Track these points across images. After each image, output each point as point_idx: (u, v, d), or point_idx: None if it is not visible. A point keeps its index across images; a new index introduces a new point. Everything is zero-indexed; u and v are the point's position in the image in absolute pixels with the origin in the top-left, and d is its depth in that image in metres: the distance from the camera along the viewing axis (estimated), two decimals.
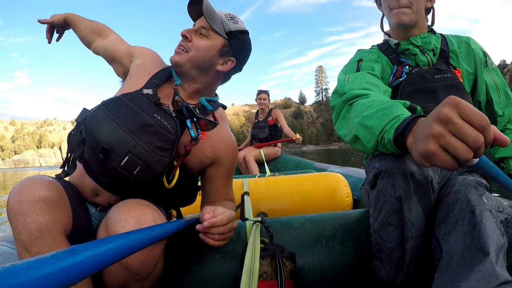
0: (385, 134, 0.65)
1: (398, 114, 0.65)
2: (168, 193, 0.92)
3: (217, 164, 1.02)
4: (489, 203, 0.70)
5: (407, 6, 1.00)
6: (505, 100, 1.08)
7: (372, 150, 0.72)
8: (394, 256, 0.78)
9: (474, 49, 1.09)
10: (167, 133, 0.82)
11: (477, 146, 0.45)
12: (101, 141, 0.77)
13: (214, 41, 0.96)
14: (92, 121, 0.80)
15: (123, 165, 0.77)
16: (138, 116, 0.81)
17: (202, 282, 0.89)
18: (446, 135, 0.46)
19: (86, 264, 0.34)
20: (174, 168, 0.90)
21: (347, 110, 0.86)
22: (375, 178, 0.78)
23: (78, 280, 0.32)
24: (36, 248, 0.65)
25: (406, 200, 0.73)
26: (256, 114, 3.93)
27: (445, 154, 0.46)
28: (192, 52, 0.94)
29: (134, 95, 0.85)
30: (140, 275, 0.73)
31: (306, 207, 1.52)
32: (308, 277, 0.91)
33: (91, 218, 0.92)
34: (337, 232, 0.98)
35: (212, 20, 0.94)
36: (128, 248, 0.46)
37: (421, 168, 0.72)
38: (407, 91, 0.99)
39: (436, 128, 0.47)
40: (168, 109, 0.85)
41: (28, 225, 0.64)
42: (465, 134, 0.45)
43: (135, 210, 0.74)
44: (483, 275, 0.60)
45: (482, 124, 0.45)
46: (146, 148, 0.79)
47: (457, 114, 0.46)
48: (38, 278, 0.27)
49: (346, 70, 1.06)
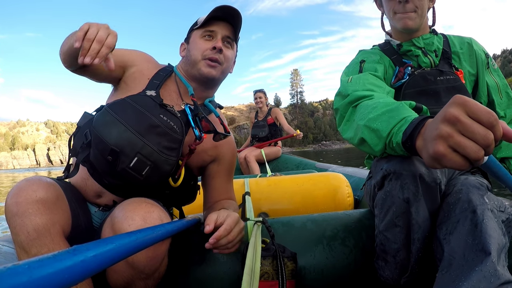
0: (392, 137, 0.65)
1: (405, 116, 0.65)
2: (172, 192, 0.94)
3: (218, 161, 1.04)
4: (490, 203, 0.69)
5: (413, 11, 0.98)
6: (506, 101, 1.07)
7: (380, 152, 0.71)
8: (399, 258, 0.78)
9: (476, 50, 1.08)
10: (174, 133, 0.84)
11: (487, 144, 0.44)
12: (110, 144, 0.77)
13: (234, 48, 1.03)
14: (98, 123, 0.81)
15: (132, 166, 0.78)
16: (144, 117, 0.82)
17: (203, 282, 0.90)
18: (454, 135, 0.45)
19: (88, 263, 0.34)
20: (179, 167, 0.91)
21: (351, 113, 0.86)
22: (383, 179, 0.77)
23: (80, 279, 0.32)
24: (35, 250, 0.65)
25: (414, 202, 0.72)
26: (256, 114, 3.96)
27: (455, 154, 0.45)
28: (225, 64, 0.98)
29: (139, 97, 0.86)
30: (146, 273, 0.74)
31: (307, 207, 1.52)
32: (309, 277, 0.91)
33: (93, 218, 0.93)
34: (338, 232, 0.98)
35: (238, 32, 1.00)
36: (132, 247, 0.46)
37: (430, 170, 0.71)
38: (409, 93, 0.98)
39: (444, 129, 0.46)
40: (173, 110, 0.87)
41: (26, 226, 0.64)
42: (474, 133, 0.44)
43: (141, 208, 0.74)
44: (484, 275, 0.60)
45: (490, 121, 0.44)
46: (154, 148, 0.80)
47: (464, 113, 0.45)
48: (40, 278, 0.27)
49: (348, 72, 1.05)
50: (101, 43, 0.71)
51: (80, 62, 0.71)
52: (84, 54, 0.70)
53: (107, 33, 0.74)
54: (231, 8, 0.95)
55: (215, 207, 1.02)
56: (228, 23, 0.98)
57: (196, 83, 0.99)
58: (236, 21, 0.98)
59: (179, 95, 0.99)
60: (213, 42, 0.96)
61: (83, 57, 0.70)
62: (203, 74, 0.95)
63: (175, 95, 0.98)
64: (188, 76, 0.99)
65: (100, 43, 0.71)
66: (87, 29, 0.72)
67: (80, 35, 0.71)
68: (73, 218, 0.80)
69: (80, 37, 0.70)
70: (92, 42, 0.71)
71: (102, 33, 0.72)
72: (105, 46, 0.72)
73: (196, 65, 0.96)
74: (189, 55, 0.99)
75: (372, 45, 1.19)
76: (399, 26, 1.02)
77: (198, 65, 0.96)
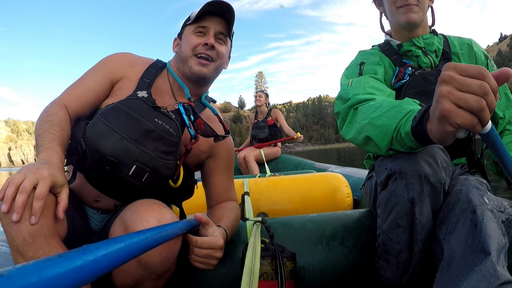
0: (401, 128, 0.65)
1: (412, 108, 0.65)
2: (172, 191, 0.94)
3: (214, 156, 1.03)
4: (490, 203, 0.69)
5: (415, 4, 0.98)
6: (505, 102, 1.07)
7: (386, 149, 0.71)
8: (402, 258, 0.78)
9: (476, 51, 1.08)
10: (170, 136, 0.82)
11: (484, 92, 0.46)
12: (106, 154, 0.76)
13: (227, 44, 1.00)
14: (92, 133, 0.79)
15: (131, 174, 0.78)
16: (139, 124, 0.80)
17: (203, 282, 0.89)
18: (453, 91, 0.48)
19: (99, 263, 0.34)
20: (177, 168, 0.90)
21: (353, 114, 0.86)
22: (387, 179, 0.77)
23: (90, 279, 0.32)
24: (31, 253, 0.64)
25: (419, 202, 0.72)
26: (255, 115, 3.94)
27: (460, 110, 0.48)
28: (218, 60, 0.96)
29: (131, 101, 0.83)
30: (158, 273, 0.73)
31: (307, 207, 1.52)
32: (309, 277, 0.91)
33: (91, 221, 0.91)
34: (338, 232, 0.98)
35: (232, 27, 0.98)
36: (143, 245, 0.46)
37: (434, 171, 0.71)
38: (410, 93, 0.98)
39: (443, 88, 0.49)
40: (167, 112, 0.85)
41: (22, 232, 0.63)
42: (470, 85, 0.47)
43: (154, 210, 0.74)
44: (484, 275, 0.60)
45: (481, 72, 0.47)
46: (152, 154, 0.79)
47: (456, 73, 0.48)
48: (50, 278, 0.27)
49: (348, 74, 1.04)
50: (27, 194, 0.61)
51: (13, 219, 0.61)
52: (8, 208, 0.61)
53: (36, 180, 0.63)
54: (224, 3, 0.92)
55: (217, 210, 0.99)
56: (221, 18, 0.95)
57: (188, 81, 0.97)
58: (229, 16, 0.95)
59: (172, 94, 0.96)
60: (205, 38, 0.93)
61: (15, 214, 0.61)
62: (194, 72, 0.93)
63: (167, 93, 0.96)
64: (180, 73, 0.97)
65: (26, 194, 0.61)
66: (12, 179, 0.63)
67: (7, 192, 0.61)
68: (68, 221, 0.79)
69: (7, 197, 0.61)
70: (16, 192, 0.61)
71: (28, 181, 0.62)
72: (36, 200, 0.62)
73: (187, 62, 0.93)
74: (180, 51, 0.96)
75: (371, 45, 1.18)
76: (402, 20, 1.00)
77: (189, 62, 0.93)
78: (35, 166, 0.65)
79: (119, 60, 0.96)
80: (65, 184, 0.69)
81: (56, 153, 0.74)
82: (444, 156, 0.74)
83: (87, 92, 0.90)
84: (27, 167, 0.65)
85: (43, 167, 0.66)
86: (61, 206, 0.67)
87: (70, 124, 0.85)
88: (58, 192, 0.68)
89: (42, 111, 0.85)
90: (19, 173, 0.64)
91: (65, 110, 0.86)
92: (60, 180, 0.67)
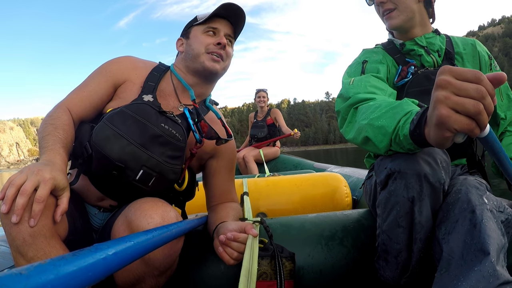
0: (399, 130, 0.65)
1: (410, 109, 0.65)
2: (175, 193, 0.95)
3: (217, 157, 1.04)
4: (489, 203, 0.69)
5: (392, 8, 1.00)
6: (507, 103, 1.07)
7: (385, 150, 0.71)
8: (401, 258, 0.78)
9: (480, 51, 1.08)
10: (176, 141, 0.83)
11: (481, 96, 0.46)
12: (113, 159, 0.76)
13: (232, 47, 1.03)
14: (99, 138, 0.79)
15: (138, 178, 0.78)
16: (146, 129, 0.80)
17: (201, 282, 0.89)
18: (450, 96, 0.47)
19: (110, 261, 0.35)
20: (182, 171, 0.91)
21: (353, 114, 0.86)
22: (387, 178, 0.77)
23: (102, 277, 0.33)
24: (31, 254, 0.64)
25: (418, 202, 0.72)
26: (255, 114, 3.95)
27: (458, 115, 0.47)
28: (227, 61, 0.98)
29: (137, 105, 0.84)
30: (160, 270, 0.74)
31: (306, 207, 1.52)
32: (308, 277, 0.91)
33: (92, 219, 0.91)
34: (337, 232, 0.97)
35: (240, 32, 1.03)
36: (150, 244, 0.47)
37: (434, 170, 0.71)
38: (412, 92, 0.98)
39: (440, 94, 0.48)
40: (173, 116, 0.85)
41: (22, 232, 0.63)
42: (467, 89, 0.47)
43: (159, 207, 0.75)
44: (483, 275, 0.60)
45: (477, 76, 0.47)
46: (159, 159, 0.80)
47: (452, 77, 0.48)
48: (66, 275, 0.27)
49: (350, 72, 1.04)
50: (27, 196, 0.60)
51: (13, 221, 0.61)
52: (8, 209, 0.60)
53: (37, 182, 0.62)
54: (237, 8, 0.95)
55: (222, 209, 1.00)
56: (229, 21, 0.99)
57: (197, 77, 0.98)
58: (239, 21, 0.99)
59: (176, 96, 0.97)
60: (217, 38, 0.96)
61: (15, 216, 0.61)
62: (207, 67, 0.94)
63: (171, 96, 0.97)
64: (189, 71, 0.98)
65: (26, 196, 0.60)
66: (13, 179, 0.62)
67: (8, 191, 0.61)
68: (69, 222, 0.79)
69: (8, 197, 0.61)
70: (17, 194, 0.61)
71: (29, 183, 0.61)
72: (36, 202, 0.62)
73: (199, 58, 0.95)
74: (190, 49, 0.97)
75: (374, 44, 1.18)
76: (387, 26, 1.06)
77: (201, 58, 0.94)
78: (37, 168, 0.65)
79: (122, 64, 0.97)
80: (66, 187, 0.68)
81: (59, 154, 0.74)
82: (444, 156, 0.74)
83: (90, 95, 0.91)
84: (29, 168, 0.65)
85: (45, 168, 0.65)
86: (60, 209, 0.67)
87: (73, 128, 0.86)
88: (59, 195, 0.68)
89: (46, 115, 0.86)
90: (21, 174, 0.63)
91: (69, 113, 0.87)
92: (62, 183, 0.67)
